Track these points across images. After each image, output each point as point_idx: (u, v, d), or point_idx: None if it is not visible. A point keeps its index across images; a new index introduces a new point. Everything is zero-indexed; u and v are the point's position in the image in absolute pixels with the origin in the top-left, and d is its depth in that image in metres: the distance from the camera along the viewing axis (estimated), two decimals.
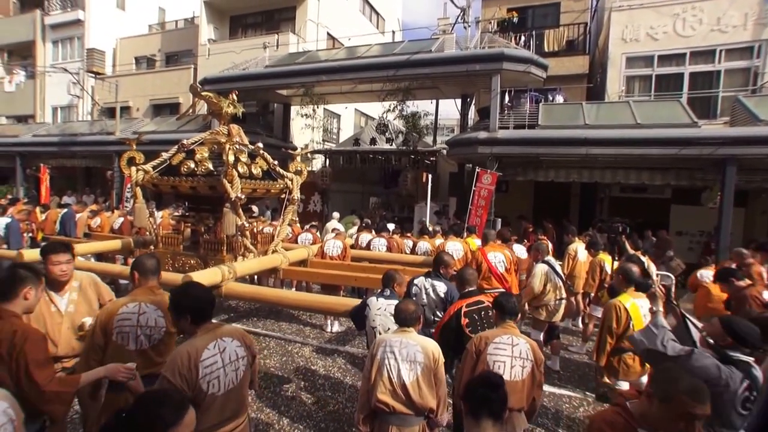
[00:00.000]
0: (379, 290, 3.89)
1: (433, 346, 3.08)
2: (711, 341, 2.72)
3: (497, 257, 6.13)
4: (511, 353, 3.00)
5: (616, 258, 6.15)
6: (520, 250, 7.53)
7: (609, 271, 6.38)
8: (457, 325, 3.69)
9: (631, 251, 6.26)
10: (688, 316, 3.30)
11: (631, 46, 12.67)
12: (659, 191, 12.36)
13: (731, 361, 2.58)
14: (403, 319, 3.14)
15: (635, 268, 3.86)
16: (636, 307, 3.98)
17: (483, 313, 3.76)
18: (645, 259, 6.19)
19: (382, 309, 3.69)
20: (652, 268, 5.81)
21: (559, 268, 5.85)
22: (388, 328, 3.56)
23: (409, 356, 2.96)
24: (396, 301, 3.72)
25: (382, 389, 2.92)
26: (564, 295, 5.80)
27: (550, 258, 5.90)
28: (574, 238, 7.80)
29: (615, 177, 10.42)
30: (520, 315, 6.03)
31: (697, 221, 11.80)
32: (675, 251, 9.50)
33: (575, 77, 13.80)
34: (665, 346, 2.79)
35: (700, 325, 3.20)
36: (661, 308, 3.20)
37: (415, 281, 4.44)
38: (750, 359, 2.59)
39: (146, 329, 2.89)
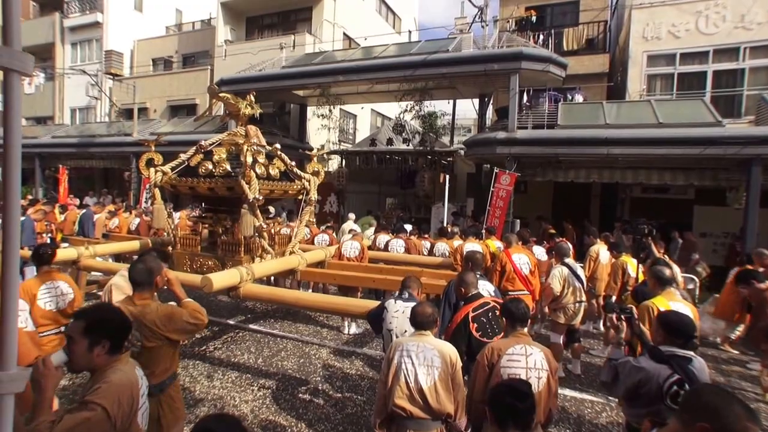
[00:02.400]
0: (397, 292, 3.88)
1: (450, 351, 3.07)
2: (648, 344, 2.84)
3: (522, 259, 6.09)
4: (525, 364, 2.91)
5: (642, 260, 6.06)
6: (540, 252, 7.47)
7: (632, 274, 6.29)
8: (466, 331, 3.67)
9: (658, 254, 6.17)
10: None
11: (653, 44, 12.49)
12: (682, 192, 12.16)
13: (661, 357, 2.67)
14: (419, 323, 3.13)
15: (667, 270, 3.79)
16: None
17: (491, 314, 3.75)
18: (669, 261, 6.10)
19: (399, 311, 3.68)
20: (676, 271, 5.71)
21: (580, 271, 5.78)
22: (405, 331, 3.55)
23: (427, 360, 2.95)
24: (413, 303, 3.73)
25: (399, 394, 2.92)
26: (584, 298, 5.74)
27: (570, 260, 5.83)
28: (596, 239, 7.71)
29: (637, 177, 10.29)
30: (540, 317, 6.06)
31: (722, 222, 11.57)
32: (699, 253, 9.33)
33: (595, 76, 13.64)
34: (606, 374, 2.96)
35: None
36: (622, 339, 3.16)
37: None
38: (688, 353, 2.66)
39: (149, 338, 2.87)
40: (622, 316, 3.14)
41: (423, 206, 16.97)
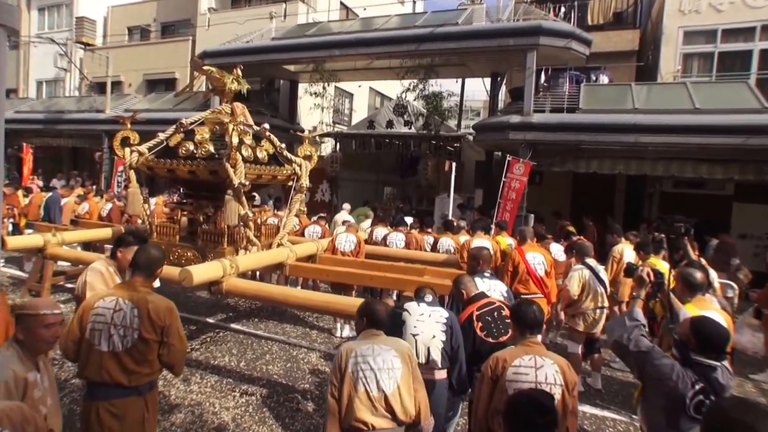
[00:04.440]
0: (420, 295, 3.87)
1: (406, 347, 3.15)
2: (677, 339, 2.84)
3: (536, 258, 6.06)
4: (534, 378, 2.83)
5: (676, 263, 6.03)
6: (557, 251, 7.45)
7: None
8: (470, 331, 3.70)
9: (694, 256, 6.14)
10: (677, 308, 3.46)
11: (690, 19, 12.39)
12: (719, 187, 12.10)
13: (690, 363, 2.69)
14: (375, 321, 3.16)
15: (698, 274, 3.76)
16: None
17: (496, 313, 3.78)
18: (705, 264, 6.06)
19: (425, 315, 3.67)
20: (713, 276, 5.68)
21: (602, 273, 5.76)
22: (433, 336, 3.56)
23: (386, 363, 2.98)
24: (440, 308, 3.75)
25: (359, 406, 2.90)
26: (605, 304, 5.72)
27: (591, 261, 5.81)
28: (620, 238, 7.68)
29: (668, 169, 10.24)
30: (556, 324, 6.05)
31: (764, 222, 11.52)
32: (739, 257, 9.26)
33: (623, 54, 13.56)
34: (631, 339, 2.91)
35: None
36: (642, 296, 3.25)
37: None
38: (715, 363, 2.67)
39: (120, 329, 2.91)
40: (651, 277, 3.18)
41: (426, 197, 16.93)
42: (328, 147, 18.03)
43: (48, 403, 2.50)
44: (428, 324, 3.61)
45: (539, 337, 3.11)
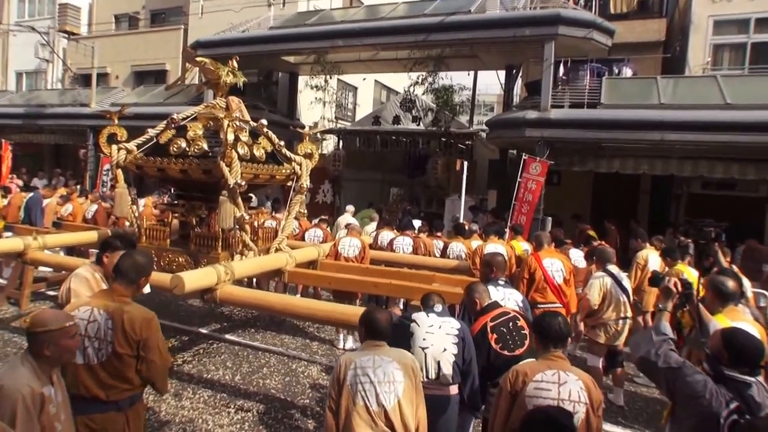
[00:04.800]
0: (428, 304, 3.88)
1: (410, 359, 3.17)
2: (709, 353, 2.83)
3: (554, 265, 6.07)
4: (557, 395, 2.82)
5: (706, 271, 6.01)
6: (577, 257, 7.45)
7: None
8: (484, 343, 3.70)
9: (725, 263, 6.11)
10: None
11: (721, 7, 12.38)
12: (752, 188, 12.06)
13: (723, 379, 2.66)
14: (377, 331, 3.18)
15: (730, 283, 3.76)
16: None
17: (511, 324, 3.78)
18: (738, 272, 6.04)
19: (435, 327, 3.68)
20: (746, 284, 5.67)
21: (625, 281, 5.77)
22: (444, 349, 3.57)
23: (387, 377, 3.00)
24: (451, 318, 3.76)
25: (357, 422, 2.93)
26: (628, 314, 5.72)
27: (613, 267, 5.81)
28: (644, 243, 7.69)
29: (696, 169, 10.23)
30: (574, 335, 6.05)
31: None
32: None
33: (648, 45, 13.55)
34: (659, 355, 2.87)
35: None
36: (669, 307, 3.24)
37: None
38: (750, 378, 2.65)
39: (94, 341, 2.92)
40: (678, 287, 3.18)
41: (435, 198, 16.92)
42: (330, 144, 18.09)
43: (62, 419, 2.52)
44: (438, 336, 3.62)
45: (562, 352, 3.11)
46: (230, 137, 5.35)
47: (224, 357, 6.49)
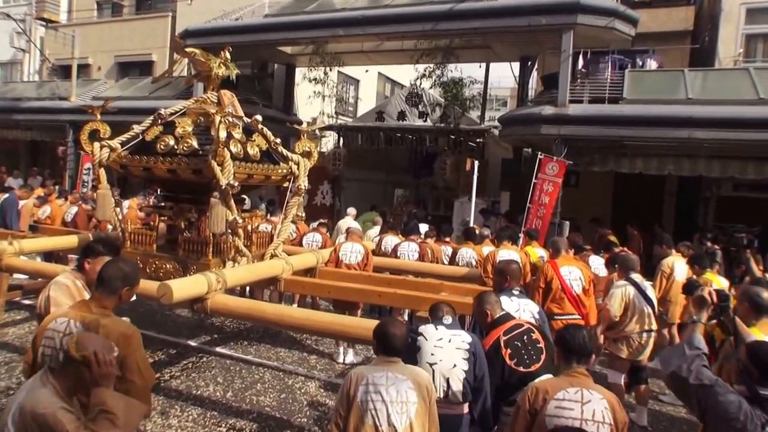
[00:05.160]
0: (437, 316, 3.88)
1: (426, 380, 3.18)
2: (742, 369, 2.82)
3: (572, 273, 6.07)
4: (580, 414, 2.83)
5: (737, 280, 6.02)
6: (597, 264, 7.45)
7: None
8: (497, 359, 3.69)
9: (758, 272, 6.13)
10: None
11: None
12: None
13: (758, 399, 2.64)
14: (391, 347, 3.19)
15: (766, 294, 3.76)
16: None
17: (526, 338, 3.78)
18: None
19: (444, 341, 3.67)
20: None
21: (649, 291, 5.77)
22: (454, 365, 3.57)
23: (400, 396, 3.01)
24: (461, 331, 3.76)
25: None
26: (654, 326, 5.72)
27: (636, 276, 5.82)
28: (670, 250, 7.67)
29: (726, 170, 10.22)
30: (594, 349, 6.04)
31: None
32: None
33: (675, 35, 13.54)
34: (691, 371, 2.84)
35: None
36: (703, 319, 3.23)
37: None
38: None
39: None
40: (714, 297, 3.17)
41: (443, 201, 16.94)
42: (329, 142, 18.10)
43: None
44: (448, 351, 3.62)
45: (585, 368, 3.10)
46: (222, 134, 5.36)
47: (215, 372, 6.50)
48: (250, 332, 8.02)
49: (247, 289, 8.50)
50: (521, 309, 4.41)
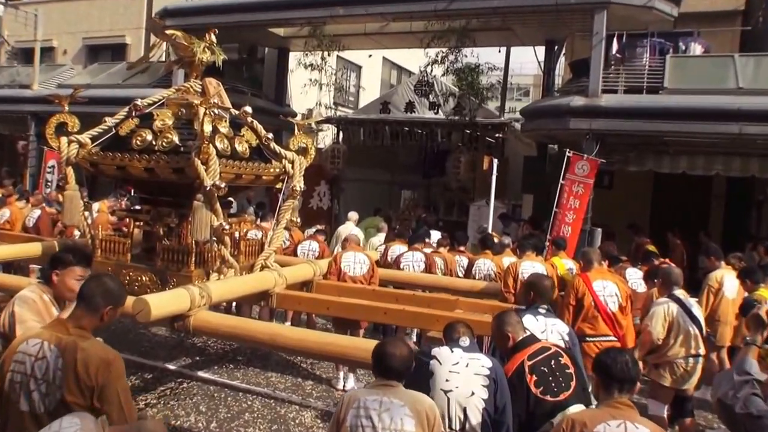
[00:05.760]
0: (453, 337, 3.86)
1: (428, 406, 3.16)
2: None
3: (607, 288, 6.04)
4: None
5: None
6: (635, 278, 7.43)
7: None
8: (522, 387, 3.67)
9: None
10: None
11: None
12: None
13: None
14: (389, 368, 3.20)
15: None
16: None
17: (554, 362, 3.76)
18: None
19: (461, 365, 3.65)
20: None
21: (696, 309, 5.73)
22: (472, 393, 3.55)
23: (394, 424, 3.01)
24: (480, 355, 3.74)
25: None
26: (701, 350, 5.69)
27: (680, 292, 5.80)
28: (718, 262, 7.64)
29: None
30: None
31: None
32: None
33: (723, 16, 13.54)
34: (738, 398, 2.87)
35: None
36: (758, 341, 3.25)
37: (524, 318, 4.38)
38: None
39: (42, 384, 2.83)
40: None
41: (457, 204, 16.91)
42: (327, 137, 18.12)
43: None
44: (465, 377, 3.60)
45: (628, 397, 3.08)
46: (207, 128, 5.35)
47: (197, 399, 6.50)
48: (237, 354, 8.02)
49: (233, 304, 8.49)
50: (548, 329, 4.40)
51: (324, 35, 14.71)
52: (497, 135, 15.54)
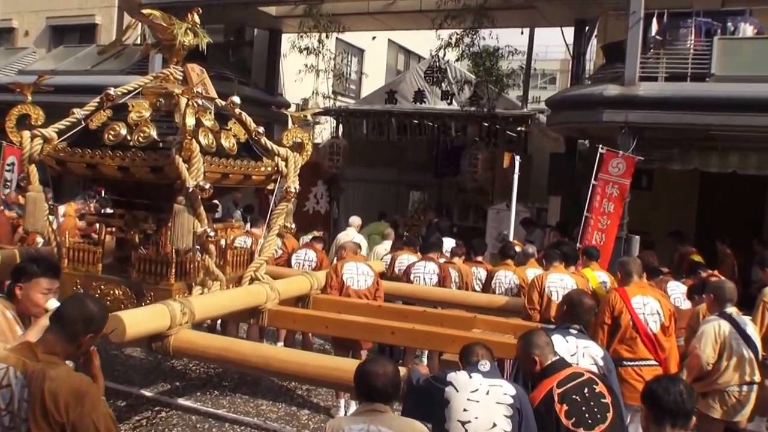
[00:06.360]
0: (471, 360, 3.85)
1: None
2: None
3: (648, 305, 5.99)
4: None
5: None
6: (678, 292, 7.40)
7: None
8: (550, 418, 3.65)
9: None
10: None
11: None
12: None
13: None
14: (372, 389, 3.21)
15: None
16: None
17: (587, 390, 3.73)
18: None
19: (481, 392, 3.64)
20: None
21: (750, 328, 5.70)
22: (493, 425, 3.54)
23: None
24: (502, 381, 3.74)
25: None
26: (756, 377, 5.66)
27: (732, 309, 5.77)
28: None
29: None
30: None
31: None
32: None
33: None
34: None
35: None
36: None
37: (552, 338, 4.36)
38: None
39: (5, 415, 2.81)
40: None
41: (473, 208, 16.90)
42: (326, 131, 18.13)
43: None
44: (485, 406, 3.57)
45: None
46: (189, 121, 5.36)
47: (177, 431, 6.48)
48: (223, 379, 8.00)
49: (218, 322, 8.49)
50: (579, 352, 4.38)
51: (321, 14, 14.72)
52: (519, 128, 15.53)
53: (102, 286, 5.98)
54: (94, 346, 3.20)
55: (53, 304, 3.60)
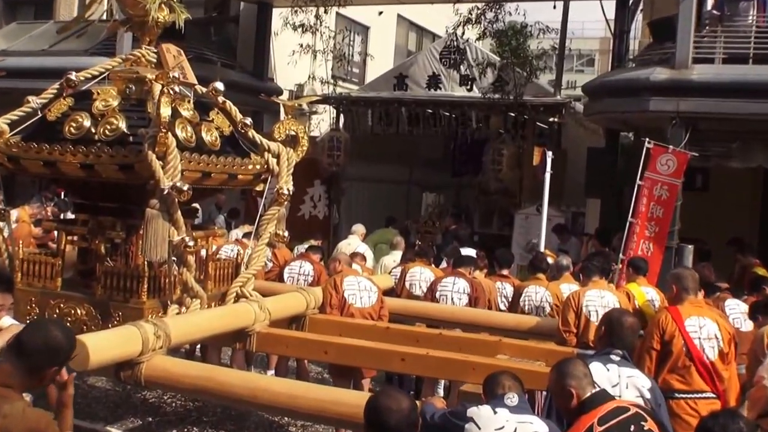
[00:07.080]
0: (496, 392, 3.85)
1: None
2: None
3: (704, 328, 5.96)
4: None
5: None
6: (738, 312, 7.37)
7: None
8: None
9: None
10: None
11: None
12: None
13: None
14: (387, 428, 3.17)
15: None
16: None
17: (634, 428, 3.67)
18: None
19: (507, 429, 3.66)
20: None
21: None
22: None
23: None
24: (533, 417, 3.73)
25: None
26: None
27: None
28: None
29: None
30: None
31: None
32: None
33: None
34: None
35: None
36: None
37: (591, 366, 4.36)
38: None
39: None
40: None
41: (497, 212, 16.91)
42: (324, 122, 18.16)
43: None
44: None
45: None
46: (165, 111, 5.38)
47: None
48: (204, 414, 8.01)
49: (198, 346, 8.50)
50: (622, 383, 4.37)
51: None
52: (551, 119, 15.53)
53: (61, 305, 5.97)
54: (72, 373, 3.18)
55: (6, 321, 3.61)
